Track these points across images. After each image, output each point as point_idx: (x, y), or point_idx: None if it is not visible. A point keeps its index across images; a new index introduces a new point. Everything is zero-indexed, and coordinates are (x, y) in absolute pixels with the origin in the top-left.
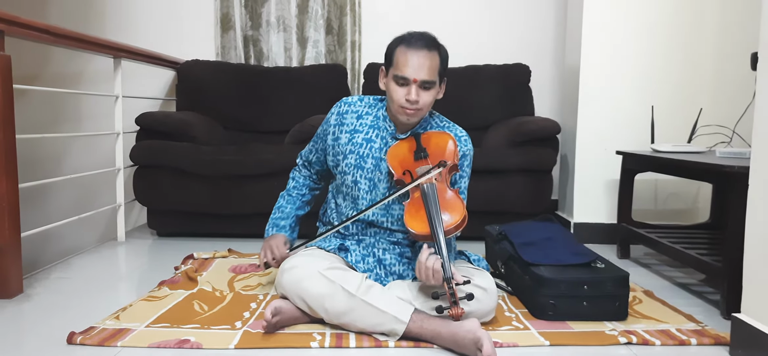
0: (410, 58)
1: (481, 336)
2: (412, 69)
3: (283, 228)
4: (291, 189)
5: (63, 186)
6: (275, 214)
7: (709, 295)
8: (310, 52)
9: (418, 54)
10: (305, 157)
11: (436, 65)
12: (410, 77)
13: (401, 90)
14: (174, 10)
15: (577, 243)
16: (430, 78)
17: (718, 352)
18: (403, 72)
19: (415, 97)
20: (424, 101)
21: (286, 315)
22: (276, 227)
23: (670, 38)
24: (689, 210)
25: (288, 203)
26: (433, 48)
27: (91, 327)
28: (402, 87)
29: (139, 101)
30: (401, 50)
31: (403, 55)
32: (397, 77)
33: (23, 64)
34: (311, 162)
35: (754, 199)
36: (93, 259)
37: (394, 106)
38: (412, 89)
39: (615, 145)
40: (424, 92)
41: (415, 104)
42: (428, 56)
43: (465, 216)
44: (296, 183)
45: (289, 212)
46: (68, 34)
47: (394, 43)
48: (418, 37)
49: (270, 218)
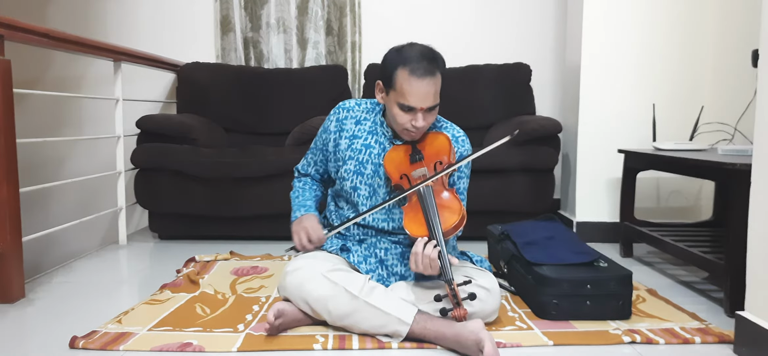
0: (415, 88)
1: (483, 337)
2: (418, 99)
3: (310, 208)
4: (301, 186)
5: (64, 190)
6: (297, 200)
7: (713, 293)
8: (310, 53)
9: (422, 82)
10: (303, 170)
11: (439, 86)
12: (416, 106)
13: (406, 116)
14: (174, 12)
15: (579, 242)
16: (435, 102)
17: (723, 350)
18: (408, 102)
19: (422, 123)
20: (429, 121)
21: (289, 318)
22: (304, 207)
23: (670, 36)
24: (692, 208)
25: (305, 191)
26: (435, 70)
27: (93, 331)
28: (407, 113)
29: (139, 104)
30: (404, 77)
31: (408, 83)
32: (402, 105)
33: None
34: (310, 174)
35: (756, 196)
36: (95, 263)
37: (398, 127)
38: (418, 117)
39: (617, 143)
40: (429, 114)
41: (423, 127)
42: (432, 82)
43: (463, 216)
44: (303, 183)
45: (310, 197)
46: (68, 37)
47: (394, 62)
48: (419, 58)
49: (294, 204)
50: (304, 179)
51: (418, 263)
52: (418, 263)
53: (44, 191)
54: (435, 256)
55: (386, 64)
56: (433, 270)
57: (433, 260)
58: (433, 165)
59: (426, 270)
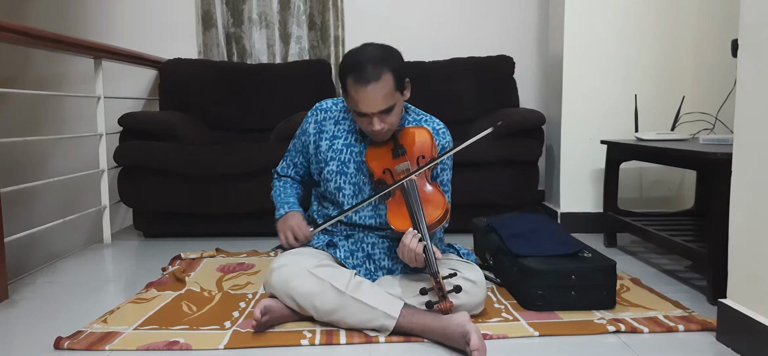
0: (361, 96)
1: (469, 329)
2: (367, 105)
3: (294, 205)
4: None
5: (47, 190)
6: (279, 198)
7: (696, 281)
8: (293, 48)
9: (367, 89)
10: (282, 173)
11: (389, 87)
12: (368, 112)
13: (364, 120)
14: (154, 8)
15: (564, 233)
16: (387, 105)
17: (706, 338)
18: (359, 109)
19: (378, 127)
20: (390, 121)
21: (275, 314)
22: (287, 204)
23: (651, 26)
24: (674, 197)
25: (287, 188)
26: (382, 72)
27: (78, 332)
28: (363, 118)
29: (121, 101)
30: (351, 84)
31: (354, 91)
32: (355, 111)
33: (2, 68)
34: (290, 176)
35: (737, 185)
36: (79, 262)
37: (363, 128)
38: (374, 121)
39: (600, 134)
40: (387, 115)
41: (382, 130)
42: (379, 86)
43: (447, 209)
44: (283, 182)
45: (292, 194)
46: (47, 35)
47: (343, 70)
48: (362, 64)
49: (277, 202)
50: (284, 179)
51: (404, 255)
52: (405, 255)
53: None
54: (420, 250)
55: (340, 71)
56: (419, 262)
57: (418, 253)
58: (415, 159)
59: (411, 262)
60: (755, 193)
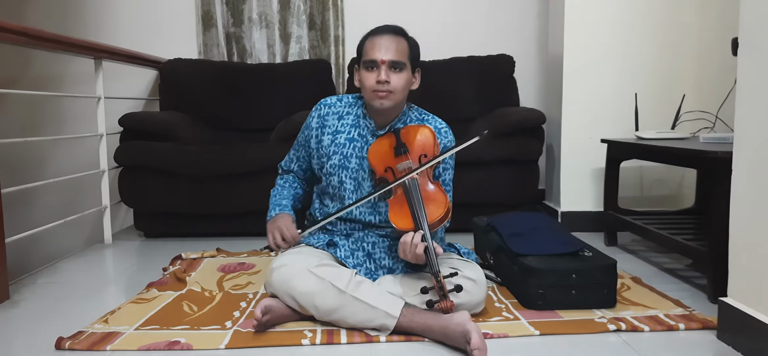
0: (376, 42)
1: (470, 328)
2: (379, 51)
3: (285, 207)
4: (281, 184)
5: (48, 190)
6: (274, 198)
7: (696, 280)
8: (293, 48)
9: (383, 37)
10: (286, 167)
11: (403, 48)
12: (378, 59)
13: (371, 75)
14: (154, 8)
15: (564, 232)
16: (398, 58)
17: (706, 336)
18: (370, 56)
19: (384, 77)
20: (396, 84)
21: (276, 314)
22: (279, 206)
23: (652, 25)
24: (674, 196)
25: (283, 190)
26: (399, 34)
27: (79, 332)
28: (372, 71)
29: (122, 102)
30: (368, 40)
31: (371, 42)
32: (366, 63)
33: (2, 68)
34: (293, 170)
35: (737, 183)
36: (80, 263)
37: (367, 93)
38: (381, 71)
39: (600, 133)
40: (395, 74)
41: (386, 84)
42: (394, 39)
43: (449, 208)
44: (284, 180)
45: (287, 196)
46: (47, 36)
47: (363, 38)
48: (384, 26)
49: (270, 203)
50: (286, 176)
51: (406, 253)
52: (407, 253)
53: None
54: (421, 249)
55: (358, 46)
56: (420, 261)
57: (419, 253)
58: (417, 158)
59: (412, 260)
60: (756, 191)
